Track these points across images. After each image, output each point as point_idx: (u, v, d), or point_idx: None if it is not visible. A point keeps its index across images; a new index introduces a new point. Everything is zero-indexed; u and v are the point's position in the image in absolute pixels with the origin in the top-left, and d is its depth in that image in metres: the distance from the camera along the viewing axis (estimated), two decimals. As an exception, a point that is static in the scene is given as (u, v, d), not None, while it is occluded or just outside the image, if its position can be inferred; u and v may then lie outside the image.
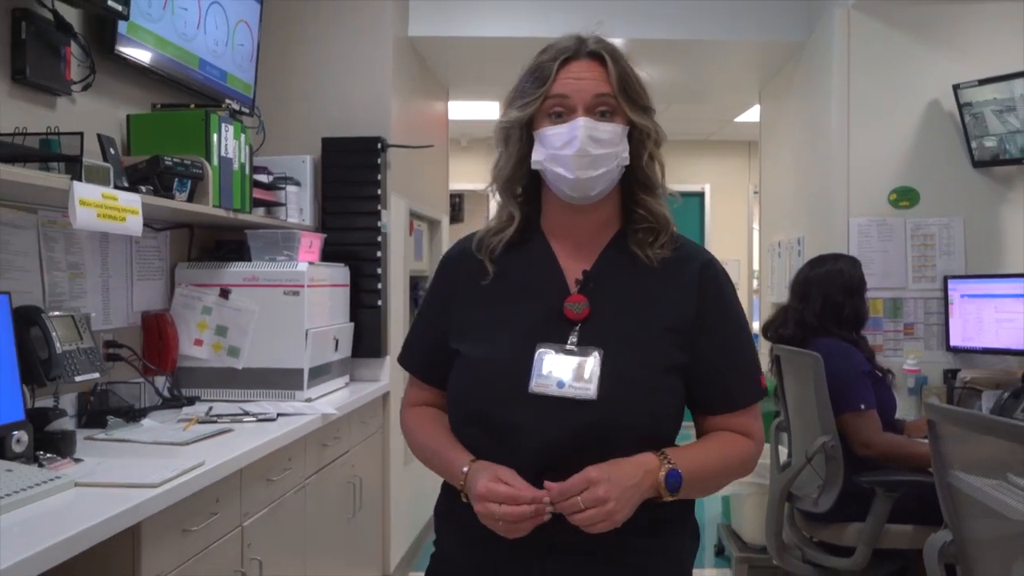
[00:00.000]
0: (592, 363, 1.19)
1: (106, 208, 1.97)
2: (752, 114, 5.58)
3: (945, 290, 3.43)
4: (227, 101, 2.99)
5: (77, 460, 1.89)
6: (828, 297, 2.79)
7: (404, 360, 1.42)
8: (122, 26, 2.39)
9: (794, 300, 2.91)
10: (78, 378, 2.13)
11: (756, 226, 6.51)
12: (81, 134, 2.05)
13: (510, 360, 1.22)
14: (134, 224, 2.08)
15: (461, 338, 1.29)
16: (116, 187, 2.10)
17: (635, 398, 1.19)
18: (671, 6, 3.89)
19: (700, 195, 7.72)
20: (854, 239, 3.50)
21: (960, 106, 3.35)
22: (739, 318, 1.30)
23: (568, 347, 1.21)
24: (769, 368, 3.17)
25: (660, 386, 1.22)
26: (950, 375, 3.37)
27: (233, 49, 3.07)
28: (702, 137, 7.49)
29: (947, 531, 1.65)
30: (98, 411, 2.33)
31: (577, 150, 1.20)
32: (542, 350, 1.21)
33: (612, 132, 1.22)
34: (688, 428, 1.32)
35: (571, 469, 1.14)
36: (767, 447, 3.19)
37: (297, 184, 3.30)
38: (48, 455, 1.85)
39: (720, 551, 4.06)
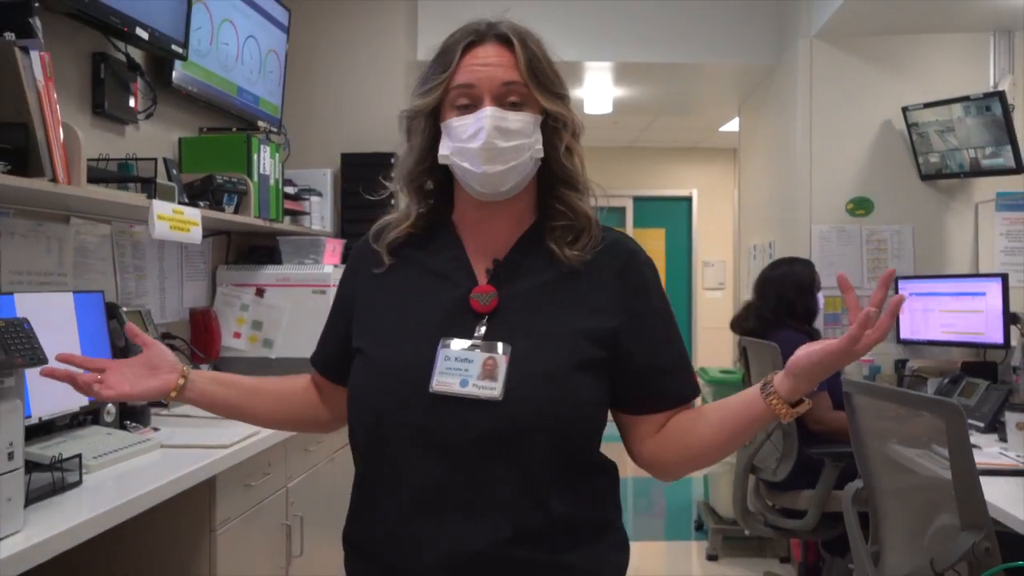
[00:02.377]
0: (498, 359, 1.08)
1: (176, 221, 2.37)
2: (735, 124, 5.97)
3: (896, 289, 3.82)
4: (260, 122, 3.40)
5: (155, 429, 2.29)
6: (782, 295, 3.20)
7: (315, 361, 1.31)
8: (178, 63, 2.79)
9: (755, 297, 3.33)
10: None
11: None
12: (155, 159, 2.45)
13: (411, 357, 1.11)
14: (196, 234, 2.48)
15: (360, 335, 1.19)
16: (180, 203, 2.50)
17: (543, 398, 1.07)
18: (659, 32, 4.27)
19: (688, 199, 8.11)
20: (816, 244, 3.90)
21: (908, 126, 3.75)
22: (666, 313, 1.20)
23: (473, 341, 1.10)
24: (738, 357, 3.58)
25: (572, 385, 1.09)
26: (900, 364, 3.76)
27: (264, 76, 3.47)
28: (690, 145, 7.87)
29: (859, 480, 2.06)
30: (160, 392, 2.73)
31: (483, 143, 1.09)
32: (445, 345, 1.11)
33: (522, 122, 1.11)
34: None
35: (479, 472, 1.07)
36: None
37: (319, 195, 3.70)
38: (133, 424, 2.26)
39: (699, 526, 4.47)
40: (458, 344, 1.11)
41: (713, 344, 7.36)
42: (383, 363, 1.14)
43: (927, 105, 3.64)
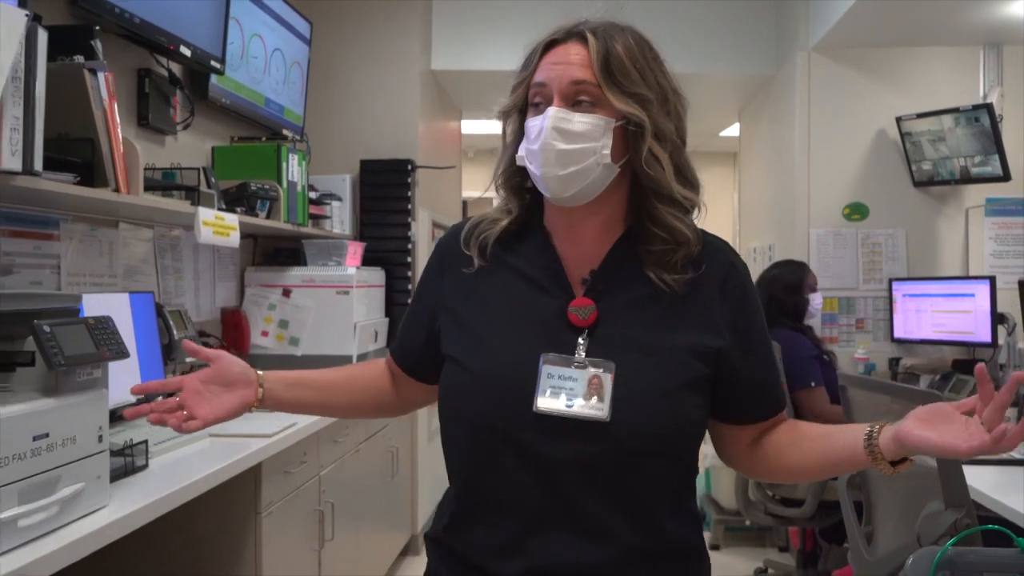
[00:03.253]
0: (604, 379, 1.04)
1: (218, 226, 2.54)
2: (735, 129, 6.14)
3: (890, 290, 4.00)
4: (284, 131, 3.57)
5: (200, 420, 2.46)
6: (772, 295, 3.38)
7: (395, 352, 1.29)
8: (212, 76, 2.96)
9: None
10: (187, 359, 2.71)
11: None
12: (198, 169, 2.62)
13: (511, 370, 1.07)
14: (235, 238, 2.65)
15: (452, 342, 1.14)
16: (219, 209, 2.67)
17: (653, 420, 1.04)
18: (662, 42, 4.41)
19: (688, 202, 8.31)
20: (814, 247, 4.08)
21: (902, 135, 3.93)
22: (764, 325, 1.17)
23: (576, 359, 1.06)
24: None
25: (680, 405, 1.05)
26: (894, 362, 3.95)
27: (288, 86, 3.64)
28: (691, 148, 7.90)
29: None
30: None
31: (541, 144, 1.05)
32: (547, 362, 1.06)
33: (587, 124, 1.05)
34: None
35: (580, 494, 1.04)
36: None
37: (339, 199, 3.86)
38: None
39: (702, 518, 4.65)
40: (560, 360, 1.06)
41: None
42: (482, 375, 1.08)
43: (920, 115, 3.82)
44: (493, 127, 1.24)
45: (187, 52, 2.60)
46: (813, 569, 3.43)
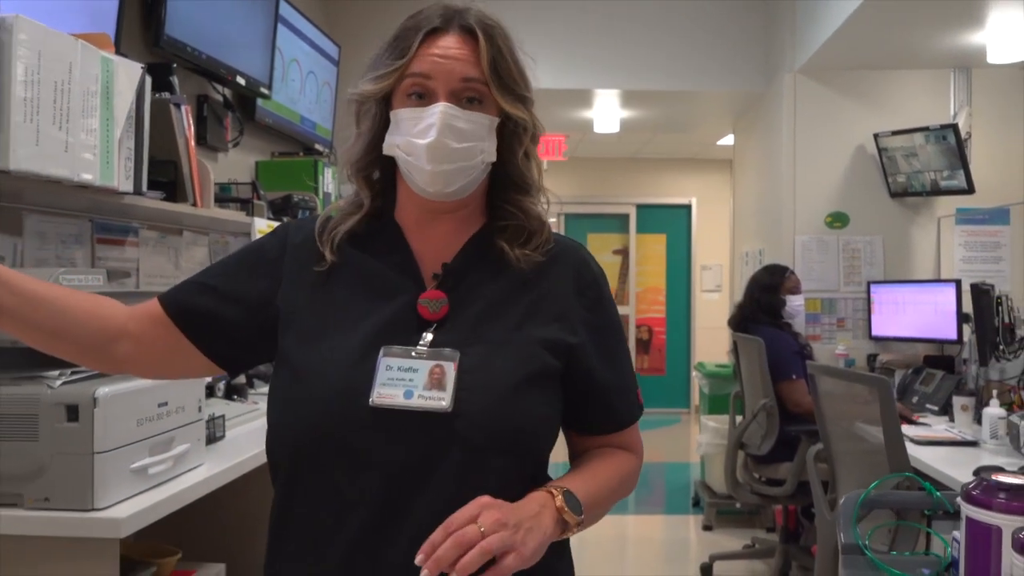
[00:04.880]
0: (447, 368, 0.98)
1: (269, 234, 2.90)
2: (731, 139, 6.48)
3: (868, 292, 4.36)
4: (316, 145, 3.94)
5: (254, 402, 2.82)
6: (752, 295, 3.78)
7: (173, 302, 1.09)
8: (258, 99, 3.33)
9: (742, 298, 3.92)
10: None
11: (735, 236, 7.42)
12: (252, 183, 2.98)
13: (346, 367, 0.99)
14: (282, 244, 3.01)
15: (287, 337, 1.05)
16: (267, 219, 3.04)
17: (498, 408, 0.98)
18: (661, 62, 4.78)
19: (687, 207, 8.63)
20: (799, 252, 4.44)
21: (879, 150, 4.29)
22: (620, 328, 1.14)
23: (419, 349, 1.00)
24: (730, 350, 4.13)
25: (528, 395, 1.00)
26: (871, 358, 4.30)
27: (320, 104, 4.01)
28: (689, 156, 8.39)
29: (820, 443, 2.59)
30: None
31: (432, 140, 1.00)
32: (386, 353, 1.00)
33: (476, 123, 1.02)
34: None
35: (425, 497, 0.96)
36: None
37: (364, 207, 4.22)
38: (237, 397, 2.79)
39: (696, 502, 5.01)
40: (402, 352, 1.00)
41: (710, 342, 7.90)
42: (314, 374, 1.00)
43: (894, 132, 4.18)
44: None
45: (242, 81, 2.97)
46: (795, 544, 3.79)
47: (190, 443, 1.83)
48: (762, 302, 3.75)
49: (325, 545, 0.99)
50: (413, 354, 1.01)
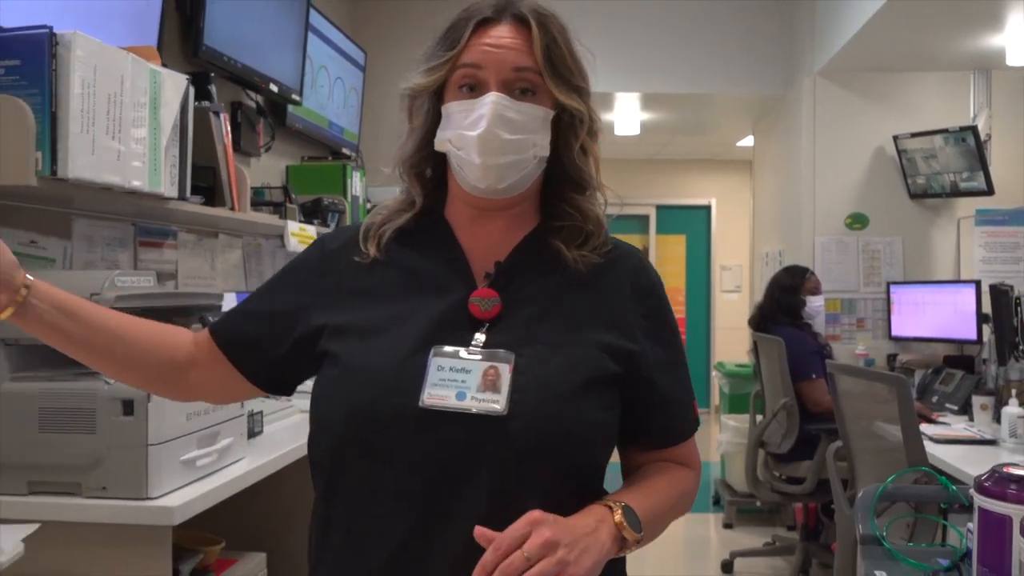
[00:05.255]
0: (501, 370, 0.95)
1: (301, 236, 2.99)
2: (751, 140, 6.50)
3: (888, 293, 4.39)
4: (343, 149, 4.03)
5: (288, 399, 2.91)
6: (772, 295, 3.83)
7: (219, 332, 1.09)
8: (290, 106, 3.42)
9: (762, 299, 3.97)
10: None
11: (754, 236, 7.45)
12: (285, 186, 3.08)
13: (395, 366, 0.96)
14: (313, 246, 3.10)
15: (332, 339, 1.02)
16: (299, 221, 3.13)
17: (552, 413, 0.94)
18: (681, 66, 4.84)
19: (707, 207, 8.67)
20: (818, 253, 4.48)
21: (898, 152, 4.33)
22: (679, 338, 1.09)
23: (472, 349, 0.97)
24: (750, 350, 4.18)
25: (585, 400, 0.96)
26: (891, 358, 4.33)
27: (347, 109, 4.10)
28: (708, 157, 8.43)
29: (839, 440, 2.65)
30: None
31: (483, 131, 0.96)
32: (438, 353, 0.96)
33: (529, 114, 0.98)
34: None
35: (471, 502, 0.92)
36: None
37: (390, 209, 4.31)
38: (274, 396, 2.88)
39: (717, 500, 5.06)
40: (453, 352, 0.96)
41: (730, 342, 7.93)
42: (360, 373, 0.97)
43: (914, 135, 4.22)
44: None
45: (275, 88, 3.06)
46: (815, 542, 3.83)
47: (233, 437, 1.92)
48: (782, 302, 3.81)
49: (370, 547, 0.97)
50: (466, 354, 0.97)
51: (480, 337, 0.99)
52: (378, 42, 4.44)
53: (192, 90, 2.12)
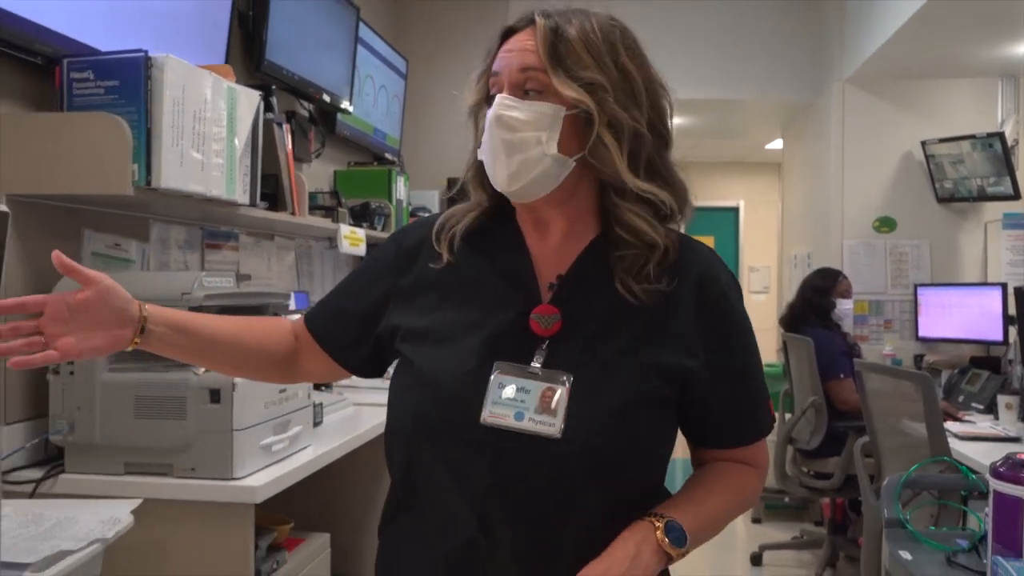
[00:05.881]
0: (559, 393, 0.97)
1: (352, 239, 3.16)
2: (779, 142, 6.58)
3: (915, 294, 4.48)
4: (386, 154, 4.20)
5: (339, 393, 3.08)
6: (804, 296, 3.94)
7: (313, 326, 1.18)
8: (339, 114, 3.59)
9: (794, 299, 4.09)
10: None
11: (782, 238, 7.51)
12: (336, 191, 3.24)
13: (460, 379, 1.00)
14: (363, 248, 3.27)
15: (404, 340, 1.07)
16: (349, 224, 3.29)
17: (607, 437, 0.96)
18: (711, 73, 4.95)
19: (735, 209, 8.76)
20: (846, 256, 4.58)
21: (926, 157, 4.42)
22: (749, 341, 1.08)
23: (532, 369, 0.99)
24: (779, 349, 4.30)
25: (636, 424, 0.98)
26: (918, 358, 4.42)
27: (389, 116, 4.27)
28: (737, 159, 8.51)
29: (866, 436, 2.77)
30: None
31: (487, 135, 1.00)
32: (500, 371, 1.00)
33: (535, 112, 0.98)
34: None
35: (525, 517, 0.97)
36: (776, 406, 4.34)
37: (429, 212, 4.48)
38: (326, 388, 3.05)
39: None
40: (514, 370, 0.99)
41: (758, 342, 8.00)
42: (429, 384, 1.02)
43: (941, 140, 4.31)
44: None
45: (327, 98, 3.23)
46: (842, 536, 3.95)
47: (302, 425, 2.08)
48: (813, 303, 3.92)
49: (432, 549, 1.02)
50: (527, 374, 0.99)
51: (541, 355, 1.01)
52: (418, 50, 4.61)
53: (262, 105, 2.28)
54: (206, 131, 1.97)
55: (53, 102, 1.87)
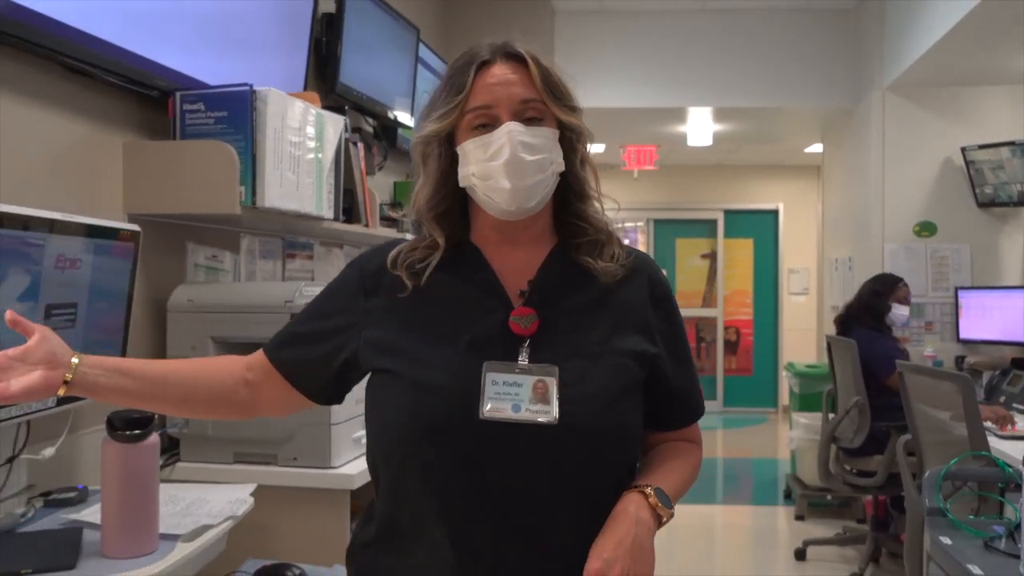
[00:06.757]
0: (549, 384, 1.06)
1: (416, 248, 3.36)
2: (819, 146, 6.65)
3: (956, 297, 4.58)
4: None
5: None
6: (861, 297, 4.06)
7: (273, 354, 1.19)
8: (399, 129, 3.80)
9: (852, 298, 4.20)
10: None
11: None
12: (400, 202, 3.45)
13: (455, 379, 1.06)
14: (425, 256, 3.47)
15: (382, 357, 1.11)
16: (409, 232, 3.49)
17: (599, 420, 1.06)
18: (750, 81, 5.10)
19: (775, 212, 8.84)
20: (887, 260, 4.68)
21: (966, 162, 4.51)
22: (686, 335, 1.23)
23: (521, 365, 1.07)
24: (827, 348, 4.41)
25: (622, 405, 1.09)
26: (959, 360, 4.51)
27: (444, 128, 4.46)
28: (776, 162, 8.58)
29: (908, 434, 2.90)
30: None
31: (507, 158, 1.06)
32: (491, 369, 1.06)
33: (543, 137, 1.09)
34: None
35: (533, 505, 1.05)
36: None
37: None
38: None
39: (788, 495, 5.29)
40: (504, 367, 1.07)
41: (798, 343, 8.11)
42: (424, 385, 1.06)
43: (981, 146, 4.40)
44: (593, 148, 1.09)
45: (392, 115, 3.44)
46: (885, 532, 4.06)
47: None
48: (869, 304, 4.03)
49: (437, 547, 1.07)
50: (516, 370, 1.07)
51: (525, 352, 1.09)
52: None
53: (344, 127, 2.49)
54: (299, 154, 2.18)
55: (166, 130, 2.08)
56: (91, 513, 1.50)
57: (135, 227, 1.79)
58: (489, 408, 1.05)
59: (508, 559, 1.05)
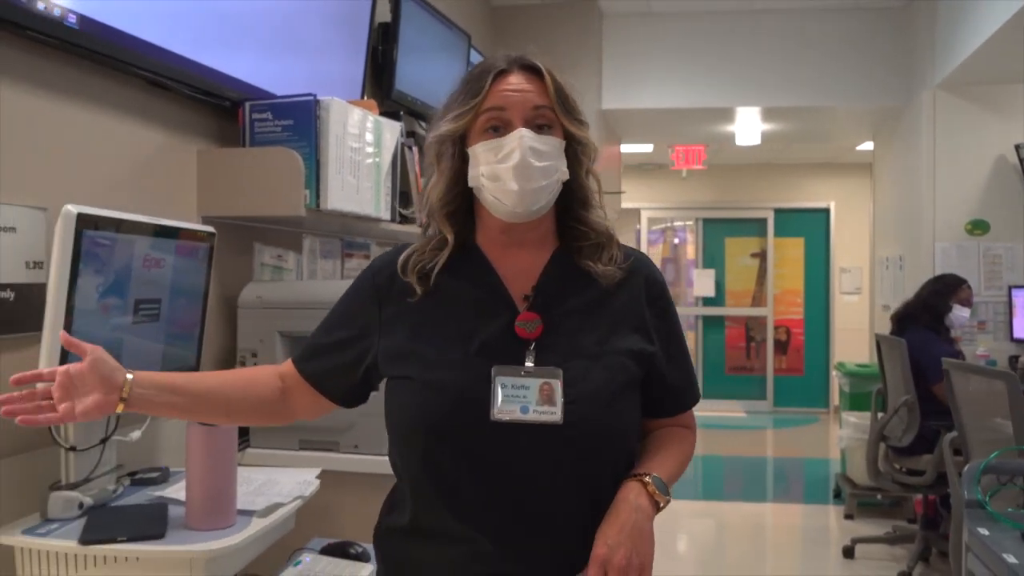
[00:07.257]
0: (554, 385, 1.12)
1: (468, 247, 3.47)
2: (870, 144, 6.56)
3: (1010, 296, 4.53)
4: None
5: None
6: (921, 295, 4.05)
7: (301, 366, 1.28)
8: (451, 132, 3.92)
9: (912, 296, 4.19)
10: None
11: (874, 240, 7.48)
12: (453, 205, 3.57)
13: (466, 383, 1.12)
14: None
15: (397, 364, 1.18)
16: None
17: (600, 417, 1.13)
18: (799, 80, 5.10)
19: (826, 211, 8.75)
20: (939, 259, 4.66)
21: (1020, 160, 4.46)
22: (681, 328, 1.29)
23: (527, 368, 1.13)
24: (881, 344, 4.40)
25: (623, 404, 1.16)
26: (1013, 359, 4.47)
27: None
28: (826, 161, 8.51)
29: (955, 431, 2.91)
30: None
31: (517, 162, 1.12)
32: (499, 373, 1.13)
33: (552, 145, 1.16)
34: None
35: (541, 498, 1.12)
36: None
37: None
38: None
39: (837, 494, 5.28)
40: (512, 371, 1.13)
41: (849, 343, 8.03)
42: (439, 388, 1.13)
43: (1034, 143, 4.36)
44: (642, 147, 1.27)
45: (444, 120, 3.56)
46: (934, 531, 4.04)
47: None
48: (928, 304, 4.02)
49: (454, 543, 1.14)
50: (523, 373, 1.13)
51: (531, 356, 1.15)
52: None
53: (400, 132, 2.61)
54: (359, 159, 2.31)
55: (236, 138, 2.22)
56: (174, 491, 1.64)
57: (210, 229, 1.93)
58: (500, 410, 1.11)
59: (518, 547, 1.12)
